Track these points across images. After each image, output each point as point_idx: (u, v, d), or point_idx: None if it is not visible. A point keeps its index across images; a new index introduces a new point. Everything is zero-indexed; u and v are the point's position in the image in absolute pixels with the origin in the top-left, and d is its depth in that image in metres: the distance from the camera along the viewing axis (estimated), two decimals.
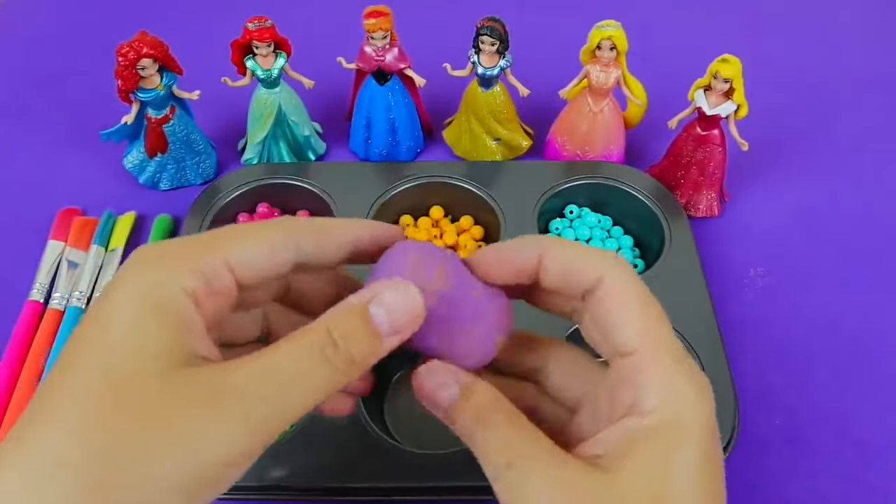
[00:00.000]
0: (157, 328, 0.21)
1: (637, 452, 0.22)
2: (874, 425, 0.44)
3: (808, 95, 0.65)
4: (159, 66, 0.50)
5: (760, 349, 0.47)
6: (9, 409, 0.43)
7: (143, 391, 0.20)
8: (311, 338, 0.22)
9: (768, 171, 0.58)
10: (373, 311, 0.23)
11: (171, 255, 0.23)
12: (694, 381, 0.23)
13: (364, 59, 0.53)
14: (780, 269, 0.52)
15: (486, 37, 0.51)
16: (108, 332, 0.21)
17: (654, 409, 0.23)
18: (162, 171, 0.56)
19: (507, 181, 0.53)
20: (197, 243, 0.23)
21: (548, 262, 0.25)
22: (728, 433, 0.40)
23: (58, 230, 0.52)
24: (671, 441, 0.22)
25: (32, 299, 0.48)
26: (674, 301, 0.45)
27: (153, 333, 0.21)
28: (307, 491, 0.38)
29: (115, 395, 0.20)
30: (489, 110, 0.55)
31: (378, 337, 0.23)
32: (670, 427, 0.22)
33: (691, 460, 0.22)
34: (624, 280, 0.25)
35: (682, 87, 0.51)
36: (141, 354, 0.21)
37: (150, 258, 0.22)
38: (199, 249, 0.23)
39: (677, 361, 0.24)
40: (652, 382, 0.23)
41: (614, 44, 0.50)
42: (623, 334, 0.24)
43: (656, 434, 0.22)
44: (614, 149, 0.55)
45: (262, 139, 0.55)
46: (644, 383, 0.23)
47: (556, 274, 0.25)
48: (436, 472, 0.38)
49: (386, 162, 0.57)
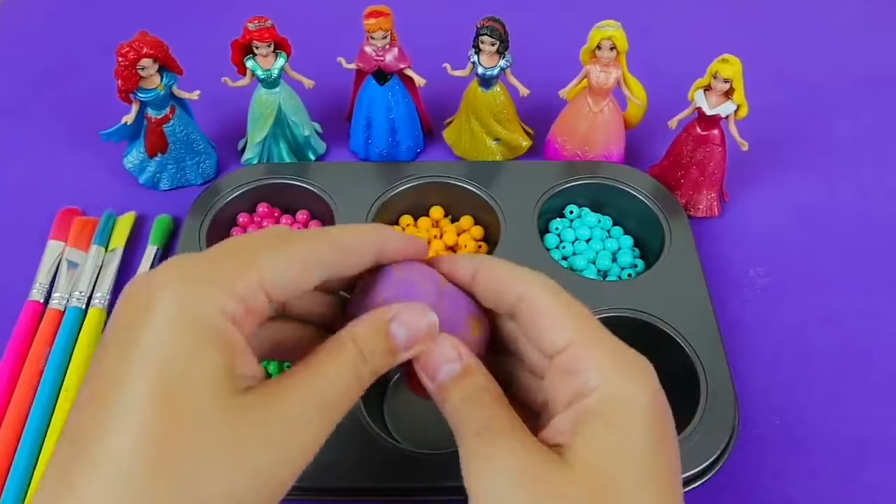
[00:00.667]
0: (207, 353, 0.21)
1: (585, 430, 0.24)
2: (874, 425, 0.44)
3: (807, 95, 0.65)
4: (159, 66, 0.50)
5: (760, 349, 0.47)
6: (9, 409, 0.43)
7: (200, 416, 0.21)
8: (346, 357, 0.24)
9: (768, 171, 0.58)
10: (394, 329, 0.25)
11: (211, 275, 0.22)
12: (633, 362, 0.25)
13: (364, 59, 0.53)
14: (780, 269, 0.52)
15: (486, 37, 0.51)
16: (157, 353, 0.21)
17: (595, 388, 0.24)
18: (162, 171, 0.56)
19: (507, 181, 0.53)
20: (234, 263, 0.23)
21: (479, 279, 0.28)
22: (728, 433, 0.40)
23: (58, 230, 0.52)
24: (615, 416, 0.24)
25: (32, 299, 0.48)
26: (674, 301, 0.46)
27: (203, 358, 0.21)
28: (307, 491, 0.38)
29: (173, 418, 0.20)
30: (489, 110, 0.55)
31: (396, 353, 0.25)
32: (613, 404, 0.24)
33: (637, 433, 0.24)
34: (544, 290, 0.26)
35: (682, 87, 0.51)
36: (194, 379, 0.21)
37: (189, 277, 0.22)
38: (236, 269, 0.23)
39: (614, 348, 0.25)
40: (591, 367, 0.25)
41: (614, 44, 0.50)
42: (556, 334, 0.26)
43: (601, 411, 0.24)
44: (614, 149, 0.55)
45: (262, 139, 0.55)
46: (584, 369, 0.25)
47: (486, 291, 0.27)
48: (436, 472, 0.38)
49: (386, 162, 0.57)
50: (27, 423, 0.42)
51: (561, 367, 0.25)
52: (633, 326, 0.45)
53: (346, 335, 0.25)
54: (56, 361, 0.45)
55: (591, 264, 0.50)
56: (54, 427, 0.42)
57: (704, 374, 0.42)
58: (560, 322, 0.26)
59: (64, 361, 0.45)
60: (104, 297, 0.48)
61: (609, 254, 0.51)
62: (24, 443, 0.41)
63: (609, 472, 0.23)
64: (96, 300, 0.48)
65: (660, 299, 0.46)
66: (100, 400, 0.21)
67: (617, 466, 0.23)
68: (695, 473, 0.39)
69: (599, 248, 0.51)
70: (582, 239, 0.52)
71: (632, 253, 0.52)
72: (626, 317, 0.45)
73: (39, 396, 0.43)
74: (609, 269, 0.51)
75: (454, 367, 0.26)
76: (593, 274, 0.50)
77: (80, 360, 0.45)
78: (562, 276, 0.48)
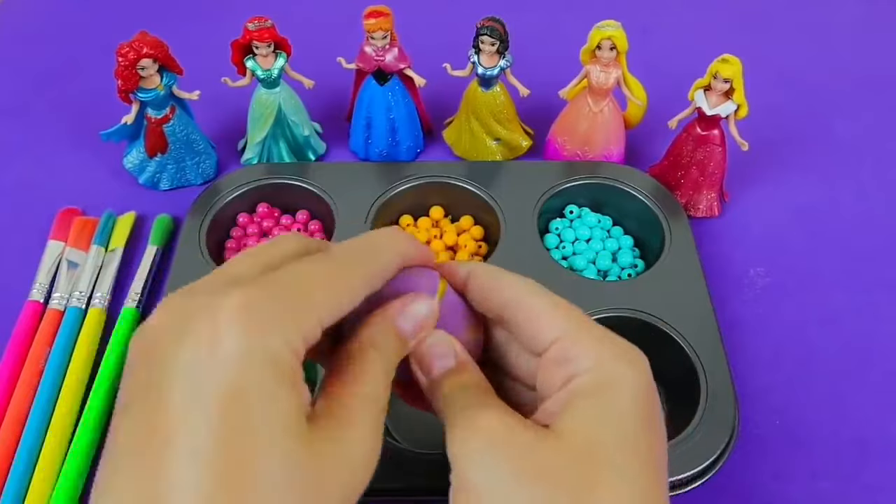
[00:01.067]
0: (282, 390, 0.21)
1: (575, 406, 0.24)
2: (874, 425, 0.44)
3: (807, 95, 0.65)
4: (159, 66, 0.50)
5: (760, 349, 0.47)
6: (9, 409, 0.43)
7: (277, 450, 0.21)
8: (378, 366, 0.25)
9: (768, 171, 0.58)
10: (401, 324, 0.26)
11: (277, 313, 0.22)
12: (626, 350, 0.26)
13: (364, 59, 0.53)
14: (780, 269, 0.52)
15: (486, 37, 0.51)
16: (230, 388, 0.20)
17: (588, 370, 0.25)
18: (162, 171, 0.56)
19: (507, 181, 0.53)
20: (300, 303, 0.23)
21: (471, 283, 0.28)
22: (728, 433, 0.40)
23: (58, 230, 0.52)
24: (606, 395, 0.24)
25: (32, 299, 0.48)
26: (674, 301, 0.46)
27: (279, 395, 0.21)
28: None
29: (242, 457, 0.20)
30: (489, 110, 0.55)
31: (406, 344, 0.27)
32: (605, 384, 0.25)
33: (626, 411, 0.24)
34: (532, 292, 0.27)
35: (682, 87, 0.51)
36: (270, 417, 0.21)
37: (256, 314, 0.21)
38: (301, 310, 0.23)
39: (607, 337, 0.26)
40: (582, 353, 0.25)
41: (614, 44, 0.50)
42: (546, 331, 0.26)
43: (593, 390, 0.25)
44: (614, 149, 0.55)
45: (261, 139, 0.55)
46: (576, 356, 0.25)
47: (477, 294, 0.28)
48: (436, 472, 0.38)
49: (386, 162, 0.57)
50: (27, 423, 0.42)
51: (552, 359, 0.26)
52: (633, 326, 0.45)
53: (365, 342, 0.26)
54: (56, 361, 0.45)
55: (591, 264, 0.50)
56: (54, 427, 0.42)
57: (704, 374, 0.42)
58: (550, 319, 0.26)
59: (64, 361, 0.45)
60: (104, 297, 0.48)
61: (609, 254, 0.51)
62: (24, 443, 0.41)
63: (595, 439, 0.24)
64: (96, 300, 0.48)
65: (660, 299, 0.45)
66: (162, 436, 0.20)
67: (603, 434, 0.24)
68: (695, 473, 0.39)
69: (599, 248, 0.51)
70: (582, 239, 0.52)
71: (632, 253, 0.52)
72: (626, 317, 0.45)
73: (39, 396, 0.43)
74: (609, 269, 0.51)
75: (448, 362, 0.27)
76: (593, 274, 0.50)
77: (80, 360, 0.45)
78: (562, 276, 0.48)
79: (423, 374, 0.27)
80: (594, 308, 0.45)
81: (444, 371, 0.27)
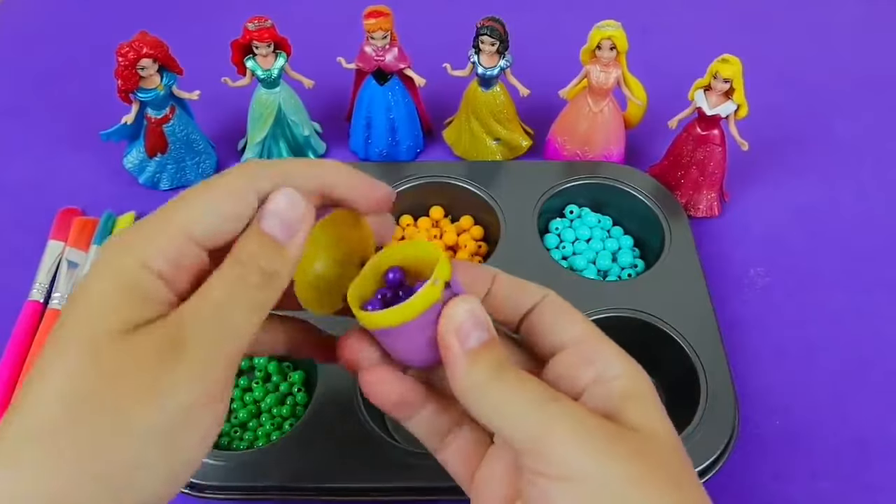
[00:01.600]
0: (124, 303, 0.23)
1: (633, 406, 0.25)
2: (874, 425, 0.44)
3: (807, 95, 0.65)
4: (159, 66, 0.50)
5: (760, 349, 0.47)
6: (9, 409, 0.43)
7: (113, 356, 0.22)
8: (225, 270, 0.24)
9: (768, 171, 0.58)
10: (265, 225, 0.24)
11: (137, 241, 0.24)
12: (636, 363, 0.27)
13: (364, 59, 0.53)
14: (779, 269, 0.52)
15: (486, 37, 0.51)
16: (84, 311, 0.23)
17: (618, 376, 0.26)
18: (162, 171, 0.56)
19: (507, 181, 0.53)
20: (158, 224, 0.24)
21: (501, 280, 0.28)
22: (728, 433, 0.40)
23: (58, 230, 0.52)
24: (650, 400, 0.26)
25: (32, 299, 0.48)
26: (674, 301, 0.46)
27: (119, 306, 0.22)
28: (307, 491, 0.38)
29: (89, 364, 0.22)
30: (489, 110, 0.55)
31: (282, 249, 0.24)
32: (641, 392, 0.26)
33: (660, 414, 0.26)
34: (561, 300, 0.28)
35: (682, 87, 0.51)
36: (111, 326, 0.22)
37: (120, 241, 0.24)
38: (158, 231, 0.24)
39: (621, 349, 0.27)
40: (610, 358, 0.26)
41: (614, 44, 0.50)
42: (570, 330, 0.27)
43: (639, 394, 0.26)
44: (614, 149, 0.55)
45: (262, 139, 0.55)
46: (605, 358, 0.26)
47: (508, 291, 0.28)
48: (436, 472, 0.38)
49: (386, 162, 0.57)
50: None
51: (580, 355, 0.27)
52: (633, 326, 0.45)
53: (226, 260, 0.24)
54: None
55: (591, 264, 0.50)
56: None
57: (704, 374, 0.42)
58: (577, 317, 0.28)
59: None
60: None
61: (609, 254, 0.51)
62: None
63: (658, 431, 0.25)
64: None
65: (660, 299, 0.45)
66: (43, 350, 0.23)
67: (663, 428, 0.25)
68: None
69: (599, 248, 0.51)
70: (582, 239, 0.52)
71: (632, 253, 0.52)
72: (626, 317, 0.45)
73: None
74: (609, 269, 0.51)
75: (484, 334, 0.25)
76: (593, 274, 0.50)
77: None
78: (562, 276, 0.48)
79: (459, 342, 0.25)
80: (594, 308, 0.45)
81: (478, 343, 0.25)
